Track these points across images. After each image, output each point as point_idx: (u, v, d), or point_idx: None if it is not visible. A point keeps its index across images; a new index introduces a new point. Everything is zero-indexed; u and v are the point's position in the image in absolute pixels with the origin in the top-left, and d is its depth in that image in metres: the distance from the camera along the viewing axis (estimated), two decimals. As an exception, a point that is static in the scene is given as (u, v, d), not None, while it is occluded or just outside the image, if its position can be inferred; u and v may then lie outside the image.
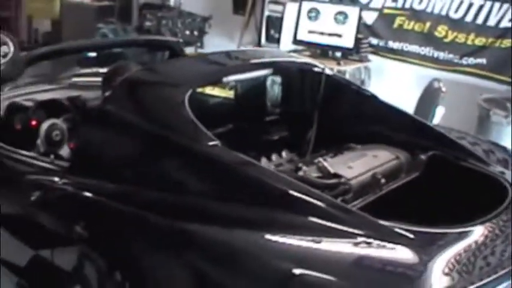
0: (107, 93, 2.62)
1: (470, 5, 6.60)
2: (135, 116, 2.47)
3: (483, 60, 6.55)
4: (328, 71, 3.21)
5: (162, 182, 2.27)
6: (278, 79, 3.31)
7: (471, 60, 6.61)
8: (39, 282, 2.86)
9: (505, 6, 6.44)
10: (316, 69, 3.23)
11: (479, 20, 6.57)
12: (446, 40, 6.75)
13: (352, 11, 6.72)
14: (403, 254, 1.90)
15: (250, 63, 3.11)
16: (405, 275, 1.87)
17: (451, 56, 6.65)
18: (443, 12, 6.73)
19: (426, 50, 6.81)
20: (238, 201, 2.07)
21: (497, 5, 6.48)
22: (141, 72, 2.83)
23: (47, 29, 9.48)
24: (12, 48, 3.98)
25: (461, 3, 6.62)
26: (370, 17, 7.07)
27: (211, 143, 2.20)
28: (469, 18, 6.62)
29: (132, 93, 2.61)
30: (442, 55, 6.72)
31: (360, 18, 6.70)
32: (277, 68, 3.14)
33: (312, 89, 3.13)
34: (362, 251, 1.92)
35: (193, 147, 2.23)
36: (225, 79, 2.88)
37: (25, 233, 2.84)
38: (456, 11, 6.67)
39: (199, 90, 3.15)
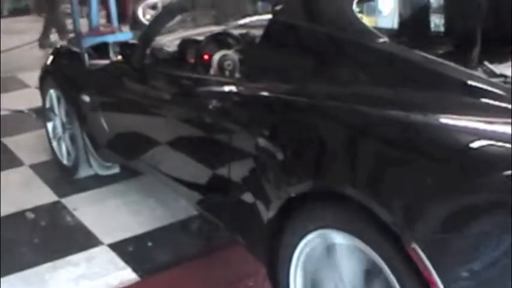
0: (278, 7, 2.76)
1: None
2: (308, 22, 2.64)
3: None
4: None
5: (337, 78, 2.41)
6: None
7: None
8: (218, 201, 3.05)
9: None
10: None
11: None
12: None
13: None
14: None
15: None
16: None
17: None
18: None
19: None
20: (412, 88, 2.19)
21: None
22: None
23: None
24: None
25: None
26: None
27: (381, 40, 2.33)
28: None
29: (302, 4, 2.77)
30: None
31: None
32: None
33: None
34: None
35: (367, 44, 2.35)
36: None
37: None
38: None
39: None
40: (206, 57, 3.35)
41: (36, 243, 3.77)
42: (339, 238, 2.20)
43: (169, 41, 3.83)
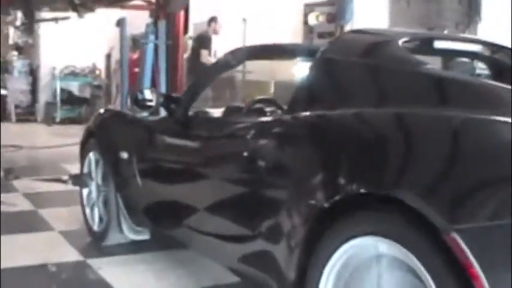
0: (325, 47, 2.94)
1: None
2: (353, 56, 2.77)
3: None
4: None
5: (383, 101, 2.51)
6: None
7: None
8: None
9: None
10: None
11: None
12: None
13: None
14: None
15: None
16: None
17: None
18: None
19: None
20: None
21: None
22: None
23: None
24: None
25: None
26: None
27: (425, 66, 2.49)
28: None
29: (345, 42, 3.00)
30: None
31: None
32: None
33: None
34: None
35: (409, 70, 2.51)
36: (436, 43, 3.05)
37: None
38: None
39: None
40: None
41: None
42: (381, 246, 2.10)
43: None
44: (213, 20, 10.59)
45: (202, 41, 10.35)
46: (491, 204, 1.82)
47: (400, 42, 2.72)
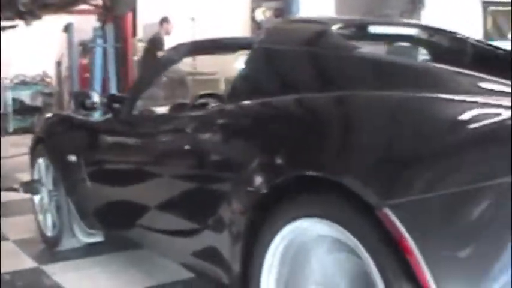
0: (260, 37, 2.98)
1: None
2: (289, 45, 2.79)
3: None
4: None
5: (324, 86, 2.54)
6: None
7: None
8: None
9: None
10: None
11: None
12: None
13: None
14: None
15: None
16: None
17: None
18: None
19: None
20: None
21: None
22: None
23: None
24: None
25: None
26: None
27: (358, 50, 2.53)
28: None
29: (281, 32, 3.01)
30: None
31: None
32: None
33: None
34: None
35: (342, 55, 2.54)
36: (371, 28, 3.11)
37: None
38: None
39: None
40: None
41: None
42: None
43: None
44: (164, 20, 10.56)
45: (156, 43, 10.32)
46: (423, 178, 1.85)
47: (334, 28, 2.76)
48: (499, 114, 1.86)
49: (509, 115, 1.83)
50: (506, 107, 1.87)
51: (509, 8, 8.22)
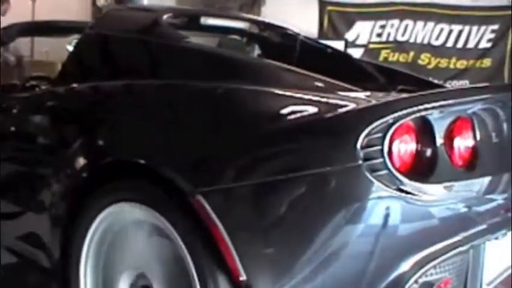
0: (92, 22, 3.06)
1: (450, 32, 7.16)
2: (118, 32, 2.80)
3: (466, 82, 6.99)
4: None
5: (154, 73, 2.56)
6: None
7: (454, 83, 7.00)
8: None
9: (482, 28, 7.03)
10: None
11: (460, 44, 7.12)
12: (429, 66, 7.24)
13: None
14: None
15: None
16: None
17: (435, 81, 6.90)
18: (425, 41, 7.19)
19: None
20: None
21: (474, 28, 7.05)
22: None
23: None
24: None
25: (441, 30, 6.90)
26: (356, 53, 7.09)
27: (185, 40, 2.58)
28: (450, 43, 7.20)
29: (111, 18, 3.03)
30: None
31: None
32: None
33: None
34: None
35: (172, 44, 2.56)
36: (202, 20, 3.17)
37: None
38: (437, 38, 7.13)
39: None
40: None
41: None
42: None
43: None
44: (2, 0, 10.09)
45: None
46: (233, 167, 1.90)
47: (164, 17, 2.79)
48: (315, 109, 1.94)
49: (325, 110, 1.91)
50: (322, 103, 1.96)
51: (346, 8, 8.53)
